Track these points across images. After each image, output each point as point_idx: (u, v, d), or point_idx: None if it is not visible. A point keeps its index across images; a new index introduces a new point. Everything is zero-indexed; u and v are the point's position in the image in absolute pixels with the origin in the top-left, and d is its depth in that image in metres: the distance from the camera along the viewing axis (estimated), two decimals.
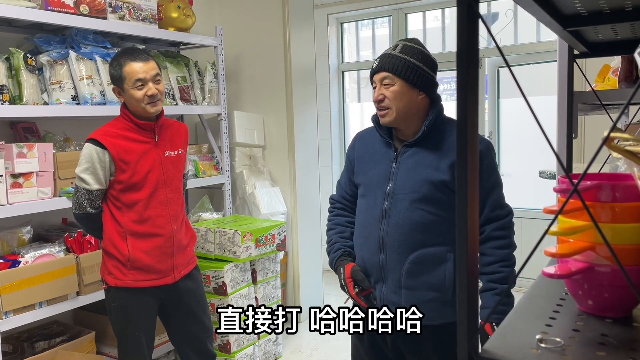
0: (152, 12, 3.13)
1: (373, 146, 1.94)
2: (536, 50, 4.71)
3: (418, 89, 1.81)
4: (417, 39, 1.91)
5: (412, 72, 1.79)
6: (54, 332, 2.90)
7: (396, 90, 1.80)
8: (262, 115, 4.17)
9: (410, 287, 1.79)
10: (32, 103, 2.56)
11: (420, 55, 1.82)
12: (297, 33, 4.09)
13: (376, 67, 1.85)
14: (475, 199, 0.74)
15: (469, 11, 0.70)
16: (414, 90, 1.81)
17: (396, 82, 1.80)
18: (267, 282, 3.34)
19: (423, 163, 1.80)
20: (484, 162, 1.78)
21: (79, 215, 2.34)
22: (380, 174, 1.87)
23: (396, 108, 1.81)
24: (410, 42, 1.87)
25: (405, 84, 1.80)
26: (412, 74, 1.79)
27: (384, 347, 1.89)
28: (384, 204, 1.83)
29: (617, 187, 0.85)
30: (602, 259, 0.84)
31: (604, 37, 1.38)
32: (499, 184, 1.85)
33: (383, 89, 1.83)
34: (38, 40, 2.73)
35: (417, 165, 1.80)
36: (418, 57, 1.82)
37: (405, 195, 1.79)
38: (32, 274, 2.48)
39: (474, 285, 0.71)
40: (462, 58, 0.71)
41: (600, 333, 0.80)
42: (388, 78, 1.81)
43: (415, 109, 1.83)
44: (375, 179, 1.88)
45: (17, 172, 2.45)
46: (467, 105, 0.71)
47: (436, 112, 1.84)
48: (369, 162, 1.93)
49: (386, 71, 1.82)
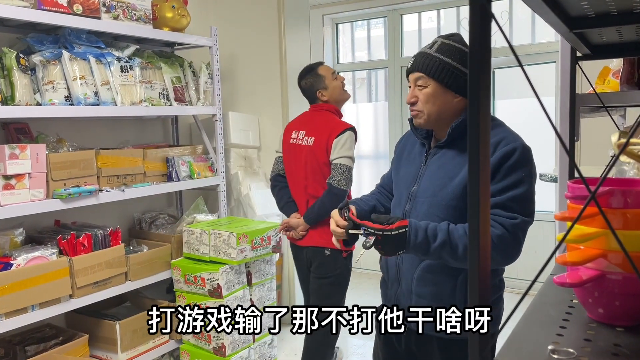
0: (147, 11, 3.09)
1: (413, 145, 1.88)
2: (531, 52, 4.71)
3: (454, 91, 1.69)
4: (458, 35, 1.75)
5: (447, 74, 1.68)
6: (46, 335, 2.86)
7: (429, 92, 1.70)
8: (257, 116, 4.14)
9: (420, 294, 1.73)
10: (24, 103, 2.52)
11: (458, 55, 1.68)
12: (292, 34, 4.06)
13: (410, 67, 1.75)
14: (487, 205, 0.71)
15: (482, 11, 0.68)
16: (449, 93, 1.70)
17: (430, 83, 1.70)
18: (263, 285, 3.31)
19: (447, 167, 1.70)
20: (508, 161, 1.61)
21: (343, 193, 2.72)
22: (410, 174, 1.81)
23: (428, 111, 1.72)
24: (449, 40, 1.72)
25: (439, 86, 1.69)
26: (447, 76, 1.68)
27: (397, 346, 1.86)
28: (406, 205, 1.77)
29: (629, 193, 0.83)
30: (613, 266, 0.82)
31: (607, 39, 1.37)
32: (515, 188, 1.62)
33: (416, 90, 1.73)
34: (31, 40, 2.69)
35: (441, 168, 1.71)
36: (456, 56, 1.68)
37: (426, 199, 1.71)
38: (24, 276, 2.44)
39: (485, 300, 0.69)
40: (474, 58, 0.69)
41: (613, 343, 0.78)
42: (422, 79, 1.71)
43: (450, 112, 1.72)
44: (404, 179, 1.83)
45: (9, 174, 2.41)
46: (479, 105, 0.69)
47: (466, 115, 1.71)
48: (404, 160, 1.88)
49: (420, 71, 1.71)
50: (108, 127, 3.38)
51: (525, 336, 0.80)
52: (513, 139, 1.62)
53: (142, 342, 3.04)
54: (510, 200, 1.57)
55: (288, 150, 3.03)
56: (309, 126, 2.97)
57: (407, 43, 5.41)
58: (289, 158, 3.02)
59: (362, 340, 3.96)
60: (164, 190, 3.22)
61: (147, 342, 3.07)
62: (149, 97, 3.10)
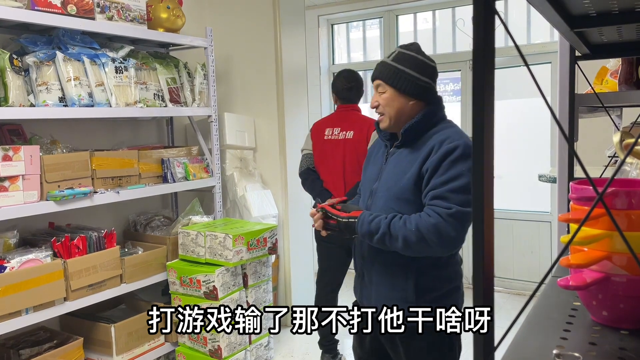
0: (141, 12, 3.07)
1: (380, 147, 2.05)
2: (526, 53, 4.71)
3: (408, 95, 1.88)
4: (416, 45, 1.95)
5: (401, 80, 1.87)
6: (40, 338, 2.83)
7: (387, 97, 1.90)
8: (253, 117, 4.12)
9: (377, 283, 1.91)
10: (18, 105, 2.49)
11: (412, 62, 1.88)
12: (287, 34, 4.05)
13: (372, 75, 1.96)
14: (491, 210, 0.70)
15: (485, 8, 0.67)
16: (404, 97, 1.88)
17: (387, 89, 1.90)
18: (259, 286, 3.29)
19: (401, 164, 1.88)
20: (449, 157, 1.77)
21: None
22: (373, 173, 1.99)
23: (388, 114, 1.92)
24: (406, 49, 1.92)
25: (395, 91, 1.89)
26: (401, 82, 1.87)
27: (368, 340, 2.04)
28: (368, 200, 1.96)
29: (634, 194, 0.82)
30: (618, 268, 0.81)
31: (607, 38, 1.36)
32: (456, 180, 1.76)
33: (377, 95, 1.94)
34: (24, 40, 2.66)
35: (396, 166, 1.90)
36: (409, 64, 1.88)
37: (383, 194, 1.89)
38: (18, 279, 2.42)
39: (489, 303, 0.68)
40: (478, 55, 0.68)
41: (618, 347, 0.77)
42: (381, 85, 1.92)
43: (406, 115, 1.90)
44: (369, 177, 2.01)
45: (3, 176, 2.38)
46: (483, 104, 0.68)
47: (423, 115, 1.88)
48: (371, 161, 2.06)
49: (379, 79, 1.92)
50: (102, 128, 3.36)
51: (529, 340, 0.78)
52: (457, 137, 1.79)
53: (138, 344, 3.02)
54: (449, 191, 1.73)
55: (323, 145, 3.38)
56: (344, 123, 3.37)
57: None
58: (324, 152, 3.37)
59: None
60: (159, 192, 3.20)
61: (142, 344, 3.05)
62: (144, 98, 3.08)
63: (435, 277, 1.87)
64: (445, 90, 5.40)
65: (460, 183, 1.74)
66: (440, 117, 1.92)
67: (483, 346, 0.68)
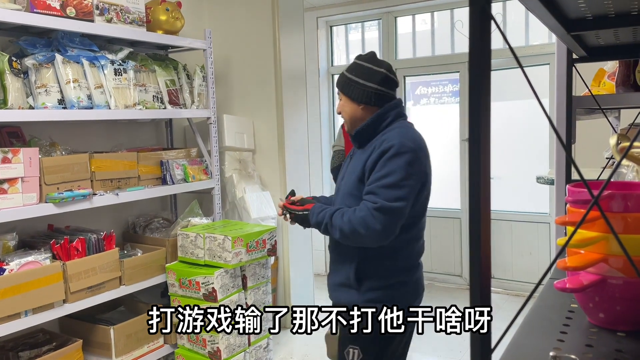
0: (140, 14, 3.07)
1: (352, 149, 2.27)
2: (525, 54, 4.72)
3: (357, 102, 2.07)
4: (370, 54, 2.14)
5: (351, 88, 2.08)
6: (39, 341, 2.83)
7: (342, 104, 2.14)
8: (252, 118, 4.13)
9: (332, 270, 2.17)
10: (17, 107, 2.49)
11: (360, 71, 2.08)
12: (286, 36, 4.06)
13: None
14: (488, 209, 0.70)
15: (481, 13, 0.67)
16: (354, 103, 2.09)
17: (342, 97, 2.13)
18: (258, 288, 3.30)
19: (354, 164, 2.10)
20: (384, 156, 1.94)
21: None
22: (341, 173, 2.24)
23: (345, 119, 2.16)
24: (358, 59, 2.12)
25: (347, 98, 2.10)
26: (350, 90, 2.08)
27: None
28: (335, 196, 2.23)
29: (630, 196, 0.83)
30: (614, 270, 0.81)
31: (604, 41, 1.37)
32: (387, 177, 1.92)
33: (339, 102, 2.17)
34: (23, 43, 2.67)
35: (351, 166, 2.13)
36: (358, 72, 2.08)
37: (341, 190, 2.13)
38: (17, 282, 2.42)
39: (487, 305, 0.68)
40: (474, 60, 0.68)
41: (615, 348, 0.77)
42: (339, 94, 2.15)
43: (359, 119, 2.09)
44: (339, 178, 2.24)
45: (2, 178, 2.38)
46: (480, 108, 0.69)
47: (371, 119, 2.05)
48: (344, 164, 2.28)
49: (337, 88, 2.16)
50: (102, 130, 3.36)
51: (526, 342, 0.79)
52: (394, 138, 1.95)
53: (137, 346, 3.02)
54: (379, 187, 1.90)
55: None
56: None
57: (401, 45, 5.41)
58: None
59: None
60: (158, 194, 3.21)
61: (141, 346, 3.05)
62: (143, 100, 3.09)
63: (376, 266, 2.02)
64: (444, 92, 5.41)
65: (390, 180, 1.89)
66: (393, 119, 2.06)
67: (480, 347, 0.68)
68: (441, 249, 5.16)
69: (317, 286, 4.76)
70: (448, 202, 5.09)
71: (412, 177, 1.92)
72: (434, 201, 4.94)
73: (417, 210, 2.02)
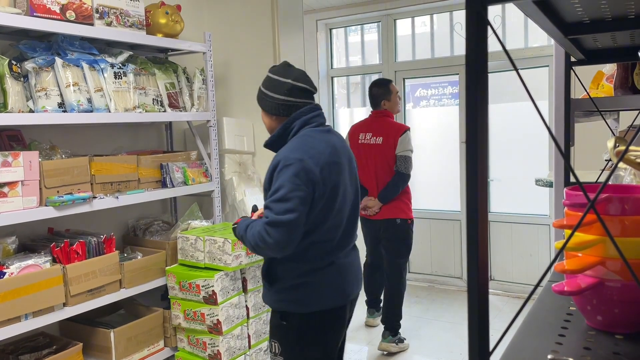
0: (140, 18, 3.08)
1: None
2: (524, 56, 4.73)
3: (269, 113, 2.21)
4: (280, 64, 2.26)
5: (262, 100, 2.23)
6: (40, 344, 2.83)
7: (262, 116, 2.28)
8: (252, 121, 4.13)
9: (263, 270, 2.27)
10: (17, 111, 2.50)
11: (268, 83, 2.20)
12: (286, 39, 4.06)
13: None
14: (485, 217, 0.71)
15: (478, 17, 0.68)
16: (267, 115, 2.23)
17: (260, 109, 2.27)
18: (258, 291, 3.30)
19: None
20: (275, 171, 2.05)
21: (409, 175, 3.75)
22: None
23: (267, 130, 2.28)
24: (269, 71, 2.24)
25: (262, 111, 2.25)
26: (262, 102, 2.23)
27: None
28: None
29: (627, 200, 0.83)
30: (612, 273, 0.81)
31: (601, 44, 1.37)
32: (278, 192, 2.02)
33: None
34: (23, 46, 2.67)
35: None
36: (266, 85, 2.21)
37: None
38: (17, 285, 2.42)
39: (484, 316, 0.68)
40: (471, 65, 0.69)
41: (613, 351, 0.78)
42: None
43: (273, 129, 2.21)
44: None
45: (2, 182, 2.38)
46: (476, 111, 0.69)
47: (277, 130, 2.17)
48: None
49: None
50: (101, 133, 3.37)
51: (524, 345, 0.79)
52: (280, 152, 2.07)
53: (137, 350, 3.02)
54: (271, 202, 2.01)
55: (358, 149, 3.84)
56: (374, 129, 3.88)
57: (400, 48, 5.42)
58: (359, 154, 3.70)
59: (359, 346, 3.95)
60: (158, 197, 3.21)
61: (142, 349, 3.05)
62: (143, 103, 3.09)
63: (283, 268, 2.13)
64: (444, 94, 5.41)
65: (279, 194, 1.98)
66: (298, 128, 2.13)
67: (479, 350, 0.69)
68: (441, 251, 5.16)
69: None
70: (448, 204, 5.09)
71: (300, 187, 1.97)
72: (434, 203, 4.97)
73: (317, 216, 2.06)
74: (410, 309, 4.60)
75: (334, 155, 2.09)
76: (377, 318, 4.26)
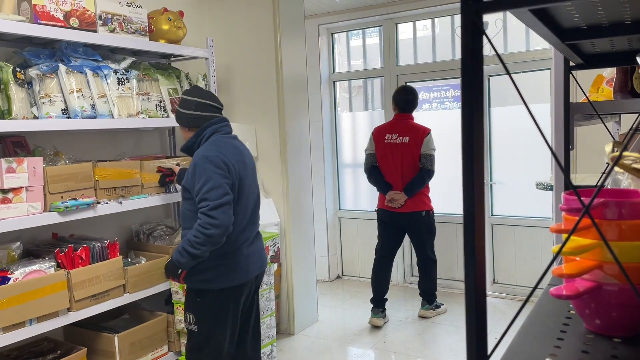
0: (143, 24, 3.10)
1: None
2: (526, 59, 4.73)
3: (183, 126, 2.67)
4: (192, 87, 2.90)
5: (178, 117, 2.67)
6: (44, 349, 2.84)
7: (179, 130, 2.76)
8: (254, 125, 4.15)
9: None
10: (21, 117, 2.52)
11: (182, 102, 2.65)
12: (288, 44, 4.08)
13: None
14: (482, 218, 0.72)
15: (473, 26, 0.69)
16: (183, 128, 2.68)
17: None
18: (261, 295, 3.31)
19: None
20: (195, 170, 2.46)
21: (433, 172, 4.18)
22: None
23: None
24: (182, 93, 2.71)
25: (179, 125, 2.69)
26: (179, 118, 2.67)
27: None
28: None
29: (624, 204, 0.84)
30: (610, 277, 0.82)
31: (600, 49, 1.38)
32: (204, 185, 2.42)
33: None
34: (27, 53, 2.70)
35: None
36: (180, 103, 2.66)
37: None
38: (21, 290, 2.44)
39: (482, 318, 0.69)
40: (467, 73, 0.70)
41: (611, 355, 0.78)
42: None
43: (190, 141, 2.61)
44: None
45: (6, 188, 2.40)
46: (472, 119, 0.70)
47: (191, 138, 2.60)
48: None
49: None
50: (105, 139, 3.39)
51: (522, 348, 0.80)
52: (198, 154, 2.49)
53: (141, 354, 3.03)
54: (205, 193, 2.39)
55: (384, 148, 4.29)
56: (400, 130, 4.28)
57: (402, 51, 5.43)
58: (385, 153, 4.29)
59: (362, 349, 3.96)
60: (161, 202, 3.22)
61: (145, 354, 3.06)
62: (146, 108, 3.11)
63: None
64: (446, 97, 5.42)
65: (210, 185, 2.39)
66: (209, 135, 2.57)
67: (476, 353, 0.70)
68: (444, 254, 5.15)
69: (320, 292, 4.77)
70: (450, 207, 5.09)
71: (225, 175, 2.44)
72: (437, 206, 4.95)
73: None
74: (414, 312, 4.61)
75: (239, 155, 2.57)
76: (382, 319, 4.36)
